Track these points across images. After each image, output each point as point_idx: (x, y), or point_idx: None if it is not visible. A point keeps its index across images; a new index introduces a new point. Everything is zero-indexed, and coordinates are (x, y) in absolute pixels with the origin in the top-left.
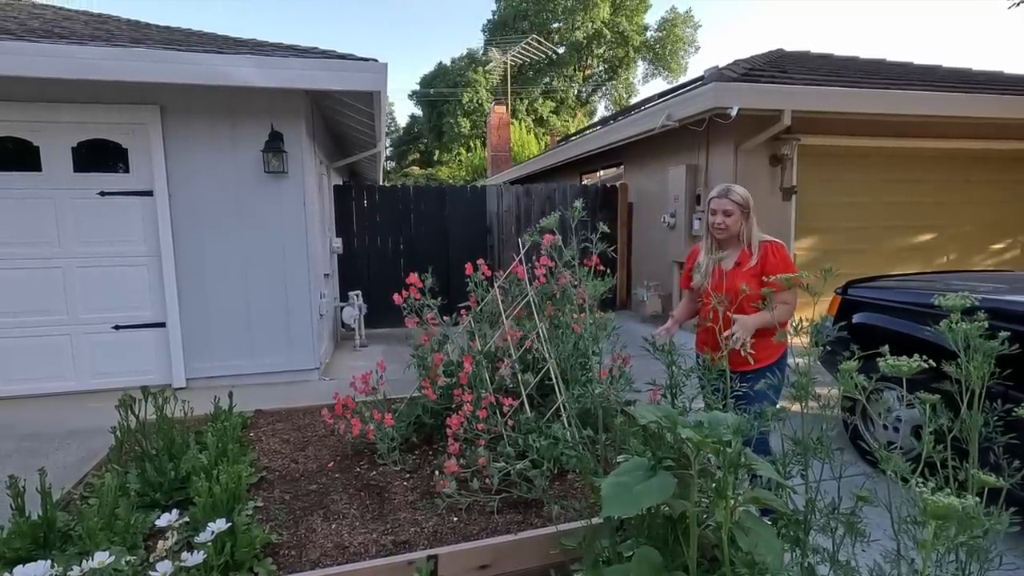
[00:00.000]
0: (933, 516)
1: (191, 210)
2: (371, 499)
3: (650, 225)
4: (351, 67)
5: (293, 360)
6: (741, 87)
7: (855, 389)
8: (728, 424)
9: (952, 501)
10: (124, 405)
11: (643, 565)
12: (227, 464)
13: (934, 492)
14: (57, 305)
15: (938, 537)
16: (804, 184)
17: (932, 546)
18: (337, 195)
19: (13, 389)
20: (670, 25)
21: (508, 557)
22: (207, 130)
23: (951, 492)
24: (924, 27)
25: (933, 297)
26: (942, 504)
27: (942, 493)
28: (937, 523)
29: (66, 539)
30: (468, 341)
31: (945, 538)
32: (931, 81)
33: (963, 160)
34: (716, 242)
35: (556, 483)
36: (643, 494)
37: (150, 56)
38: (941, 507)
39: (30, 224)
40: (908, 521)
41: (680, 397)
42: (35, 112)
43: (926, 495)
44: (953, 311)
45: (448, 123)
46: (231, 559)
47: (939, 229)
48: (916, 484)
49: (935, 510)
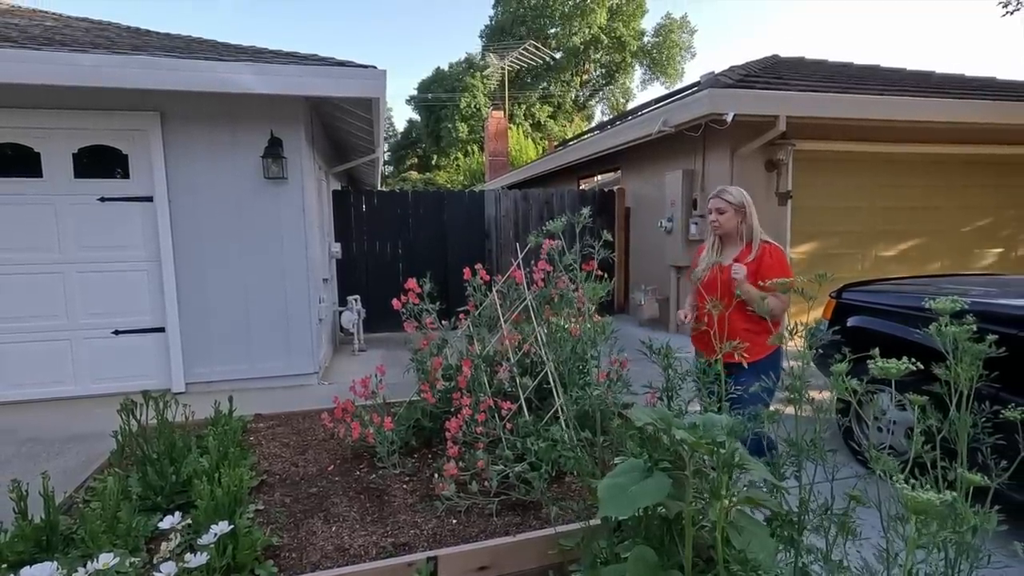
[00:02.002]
0: (914, 511)
1: (191, 216)
2: (371, 502)
3: (647, 229)
4: (350, 74)
5: (292, 365)
6: (737, 93)
7: (846, 392)
8: (722, 426)
9: (930, 496)
10: (126, 409)
11: (639, 565)
12: (228, 467)
13: (914, 489)
14: (57, 310)
15: (920, 532)
16: (799, 189)
17: (915, 542)
18: (336, 200)
19: (14, 394)
20: (666, 31)
21: (507, 558)
22: (207, 136)
23: (935, 489)
24: (918, 33)
25: (924, 300)
26: (921, 499)
27: (922, 489)
28: (918, 518)
29: (68, 542)
30: (467, 345)
31: (927, 533)
32: (925, 87)
33: (957, 165)
34: (719, 240)
35: (554, 485)
36: (639, 495)
37: (151, 63)
38: (920, 502)
39: (31, 230)
40: (895, 519)
41: (676, 400)
42: (36, 119)
43: (906, 491)
44: (943, 314)
45: (446, 128)
46: (233, 561)
47: (933, 233)
48: (899, 482)
49: (915, 505)
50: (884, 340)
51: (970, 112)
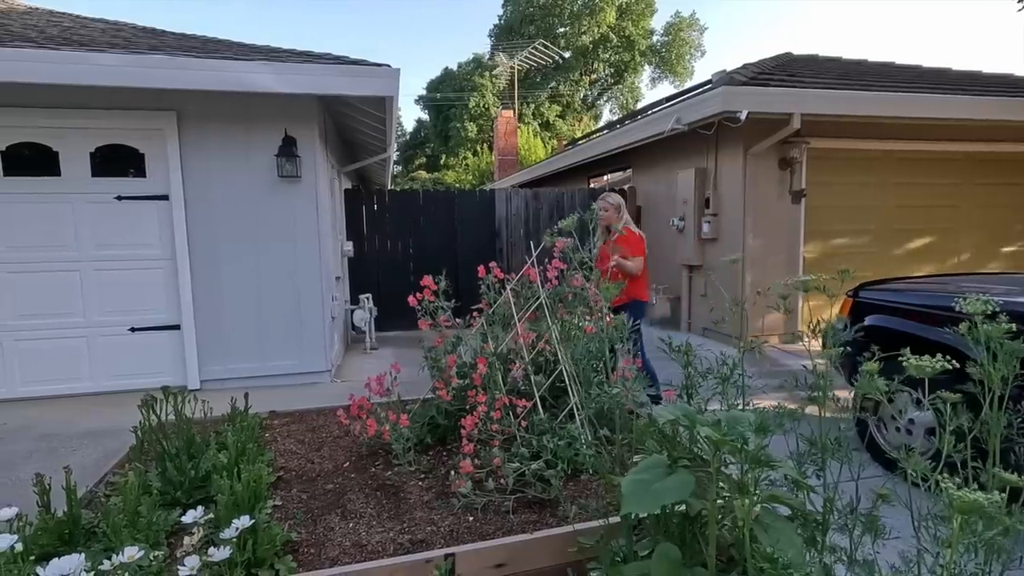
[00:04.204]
0: (960, 511)
1: (205, 214)
2: (387, 499)
3: (658, 229)
4: (364, 72)
5: (305, 363)
6: (750, 91)
7: (876, 391)
8: (749, 422)
9: (978, 496)
10: (146, 405)
11: (663, 562)
12: (247, 463)
13: (959, 488)
14: (74, 307)
15: (963, 533)
16: (813, 187)
17: (958, 541)
18: (348, 199)
19: (31, 390)
20: (676, 29)
21: (524, 556)
22: (222, 135)
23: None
24: (933, 30)
25: (952, 301)
26: (968, 499)
27: (968, 489)
28: (964, 519)
29: (90, 536)
30: (480, 343)
31: (971, 533)
32: (942, 84)
33: (974, 163)
34: (603, 228)
35: (569, 483)
36: (662, 492)
37: (170, 63)
38: (967, 502)
39: (49, 228)
40: (930, 519)
41: (696, 398)
42: (55, 118)
43: (952, 490)
44: (975, 314)
45: (455, 127)
46: (253, 556)
47: (949, 232)
48: (943, 480)
49: (961, 505)
50: (904, 340)
51: (988, 110)
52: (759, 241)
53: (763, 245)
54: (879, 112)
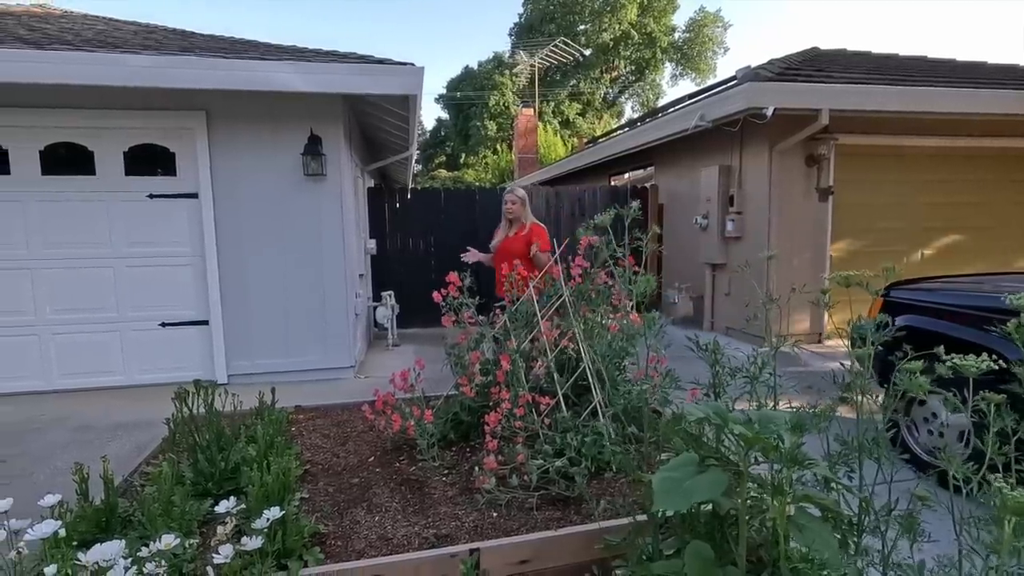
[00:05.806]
0: (1013, 512)
1: (233, 212)
2: (412, 493)
3: (681, 227)
4: (389, 71)
5: (329, 359)
6: (777, 87)
7: (919, 390)
8: (782, 421)
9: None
10: (180, 398)
11: (695, 560)
12: (275, 456)
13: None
14: (107, 303)
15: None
16: (841, 184)
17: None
18: (371, 197)
19: (67, 383)
20: (699, 26)
21: (549, 553)
22: (249, 134)
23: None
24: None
25: (992, 300)
26: (1022, 500)
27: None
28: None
29: (126, 524)
30: (504, 340)
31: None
32: (976, 77)
33: (1008, 159)
34: (507, 222)
35: (592, 481)
36: (694, 489)
37: (200, 63)
38: (1021, 503)
39: (84, 225)
40: (974, 520)
41: (723, 396)
42: (91, 118)
43: (1007, 491)
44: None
45: (474, 126)
46: (282, 546)
47: (982, 230)
48: (995, 481)
49: (1015, 506)
50: (937, 340)
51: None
52: (785, 239)
53: (789, 243)
54: (911, 107)
